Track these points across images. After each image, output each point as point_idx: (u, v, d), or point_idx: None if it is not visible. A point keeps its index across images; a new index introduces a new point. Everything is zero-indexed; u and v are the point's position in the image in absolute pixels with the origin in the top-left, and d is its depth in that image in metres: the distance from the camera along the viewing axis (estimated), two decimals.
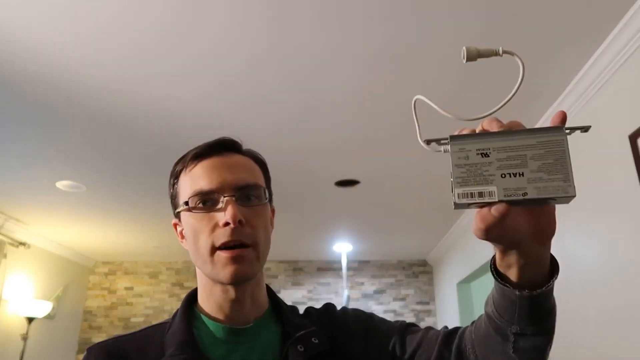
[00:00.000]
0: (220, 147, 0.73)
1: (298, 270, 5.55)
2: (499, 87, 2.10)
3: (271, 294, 0.79)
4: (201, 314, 0.73)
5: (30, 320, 4.19)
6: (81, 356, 5.18)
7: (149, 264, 5.59)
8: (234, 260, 0.66)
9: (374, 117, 2.37)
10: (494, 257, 0.57)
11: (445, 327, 0.76)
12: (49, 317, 4.60)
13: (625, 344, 1.81)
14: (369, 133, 2.53)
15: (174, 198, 0.76)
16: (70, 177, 3.10)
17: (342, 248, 4.99)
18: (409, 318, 5.33)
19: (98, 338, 5.30)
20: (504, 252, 0.53)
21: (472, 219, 0.52)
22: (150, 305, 5.44)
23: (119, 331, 5.34)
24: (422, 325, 0.84)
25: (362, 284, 5.49)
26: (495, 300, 0.57)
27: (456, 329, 0.73)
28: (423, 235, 4.64)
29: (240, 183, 0.70)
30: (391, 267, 5.57)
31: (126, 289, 5.52)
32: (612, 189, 1.90)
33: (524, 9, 1.64)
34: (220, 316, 0.71)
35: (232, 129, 2.48)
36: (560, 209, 0.55)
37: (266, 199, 0.73)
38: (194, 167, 0.72)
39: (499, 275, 0.55)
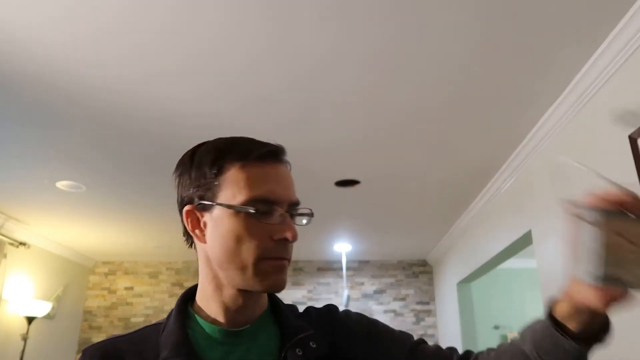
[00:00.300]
0: (279, 156, 0.71)
1: (298, 270, 5.55)
2: (499, 89, 2.10)
3: (270, 295, 0.78)
4: (196, 315, 0.72)
5: (30, 320, 4.19)
6: None
7: (149, 264, 5.60)
8: (280, 270, 0.67)
9: (374, 117, 2.37)
10: (551, 303, 0.62)
11: (451, 348, 0.79)
12: (49, 317, 4.60)
13: (626, 346, 1.81)
14: (369, 133, 2.53)
15: (207, 186, 0.68)
16: (70, 177, 3.10)
17: (342, 248, 4.99)
18: (409, 318, 5.33)
19: (98, 338, 5.30)
20: (576, 309, 0.58)
21: (472, 218, 0.52)
22: (150, 305, 5.44)
23: (119, 331, 5.34)
24: (422, 325, 0.85)
25: (362, 284, 5.49)
26: (537, 343, 0.62)
27: (468, 354, 0.78)
28: (423, 235, 4.64)
29: (293, 199, 0.70)
30: (391, 267, 5.57)
31: (126, 289, 5.52)
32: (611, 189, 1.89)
33: (524, 9, 1.64)
34: (220, 318, 0.70)
35: (232, 129, 2.48)
36: (559, 208, 0.55)
37: (306, 222, 0.74)
38: (256, 168, 0.68)
39: (555, 322, 0.60)
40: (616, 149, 1.84)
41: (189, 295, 0.76)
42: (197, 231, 0.71)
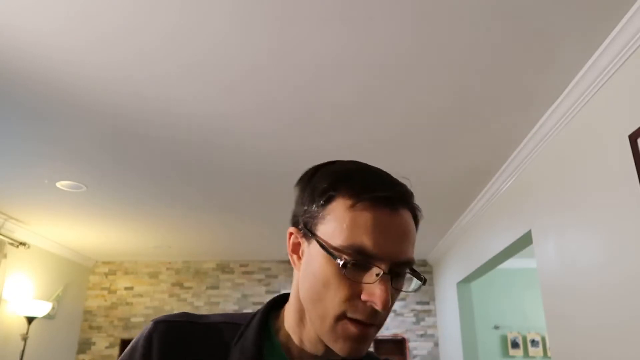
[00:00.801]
0: (398, 200, 0.61)
1: None
2: (499, 89, 2.10)
3: None
4: (277, 340, 0.66)
5: (30, 320, 4.19)
6: (81, 356, 5.18)
7: (149, 264, 5.60)
8: (360, 339, 0.59)
9: (376, 120, 2.37)
10: None
11: None
12: (49, 317, 4.60)
13: (627, 348, 1.81)
14: (371, 136, 2.53)
15: (313, 216, 0.62)
16: (71, 177, 3.10)
17: None
18: (409, 318, 5.33)
19: (98, 338, 5.30)
20: None
21: (472, 218, 0.51)
22: (150, 305, 5.44)
23: (119, 331, 5.34)
24: (422, 325, 0.83)
25: None
26: None
27: None
28: (423, 235, 4.64)
29: (402, 258, 0.59)
30: None
31: (126, 289, 5.52)
32: (612, 189, 1.90)
33: (524, 9, 1.64)
34: (292, 348, 0.65)
35: (235, 133, 2.49)
36: (559, 208, 0.55)
37: (415, 288, 0.66)
38: (364, 211, 0.59)
39: None
40: (616, 149, 1.84)
41: (275, 305, 0.71)
42: (295, 256, 0.66)
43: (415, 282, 0.62)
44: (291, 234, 0.65)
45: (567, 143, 2.26)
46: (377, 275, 0.57)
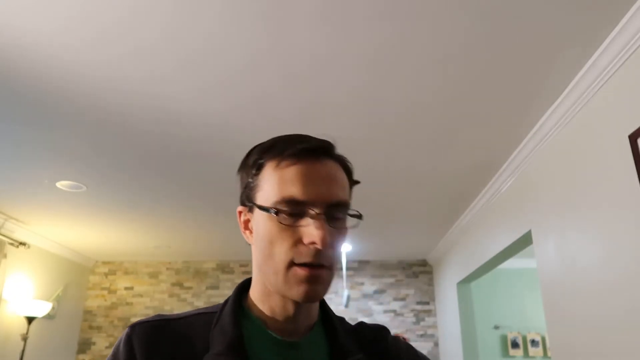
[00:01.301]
0: (318, 152, 0.67)
1: None
2: (499, 90, 2.10)
3: (322, 303, 0.75)
4: (252, 315, 0.69)
5: (30, 320, 4.19)
6: (81, 356, 5.18)
7: (149, 264, 5.60)
8: (311, 280, 0.62)
9: (374, 117, 2.37)
10: None
11: None
12: (49, 317, 4.60)
13: (627, 348, 1.81)
14: (370, 133, 2.53)
15: (250, 187, 0.68)
16: (71, 177, 3.10)
17: (342, 248, 4.97)
18: (409, 318, 5.33)
19: (98, 338, 5.30)
20: None
21: (472, 218, 0.51)
22: (151, 305, 5.44)
23: (119, 331, 5.34)
24: (422, 325, 0.84)
25: (362, 284, 5.49)
26: None
27: None
28: (423, 235, 4.64)
29: (333, 199, 0.64)
30: (391, 267, 5.57)
31: (126, 289, 5.52)
32: (612, 189, 1.89)
33: (524, 9, 1.64)
34: (270, 322, 0.68)
35: (235, 129, 2.49)
36: (559, 208, 0.55)
37: (353, 225, 0.69)
38: (289, 167, 0.64)
39: None
40: (616, 149, 1.84)
41: (243, 289, 0.73)
42: (247, 232, 0.70)
43: (355, 221, 0.68)
44: (240, 212, 0.71)
45: (567, 143, 2.25)
46: (311, 218, 0.62)
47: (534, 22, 1.70)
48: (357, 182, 0.73)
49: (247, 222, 0.70)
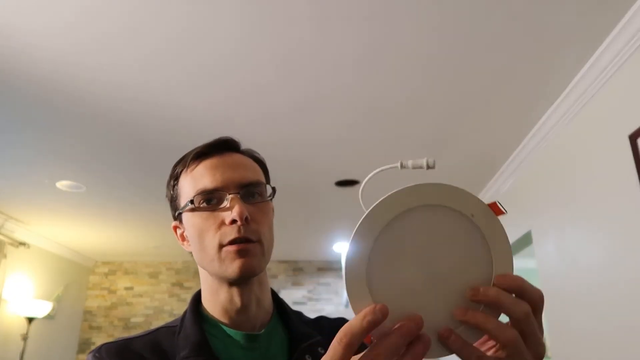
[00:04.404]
0: (221, 147, 0.72)
1: (298, 270, 5.55)
2: (499, 90, 2.10)
3: (276, 298, 0.78)
4: (209, 318, 0.72)
5: (30, 320, 4.19)
6: (81, 356, 5.18)
7: (149, 264, 5.60)
8: (241, 253, 0.66)
9: (375, 117, 2.37)
10: None
11: None
12: (49, 317, 4.60)
13: (627, 347, 1.81)
14: (369, 133, 2.53)
15: (174, 200, 0.75)
16: (70, 177, 3.10)
17: (342, 248, 4.98)
18: None
19: (98, 338, 5.30)
20: None
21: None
22: (151, 305, 5.44)
23: (119, 331, 5.34)
24: None
25: None
26: None
27: None
28: None
29: (244, 181, 0.69)
30: None
31: (126, 289, 5.52)
32: (612, 189, 1.89)
33: (524, 9, 1.64)
34: (225, 320, 0.71)
35: (238, 130, 2.48)
36: (559, 208, 0.55)
37: (269, 196, 0.73)
38: (196, 166, 0.71)
39: None
40: (616, 149, 1.84)
41: (197, 298, 0.76)
42: (185, 243, 0.75)
43: (271, 193, 0.73)
44: (175, 227, 0.76)
45: (567, 143, 2.25)
46: (227, 200, 0.67)
47: (534, 22, 1.70)
48: (272, 187, 0.76)
49: (182, 234, 0.75)
